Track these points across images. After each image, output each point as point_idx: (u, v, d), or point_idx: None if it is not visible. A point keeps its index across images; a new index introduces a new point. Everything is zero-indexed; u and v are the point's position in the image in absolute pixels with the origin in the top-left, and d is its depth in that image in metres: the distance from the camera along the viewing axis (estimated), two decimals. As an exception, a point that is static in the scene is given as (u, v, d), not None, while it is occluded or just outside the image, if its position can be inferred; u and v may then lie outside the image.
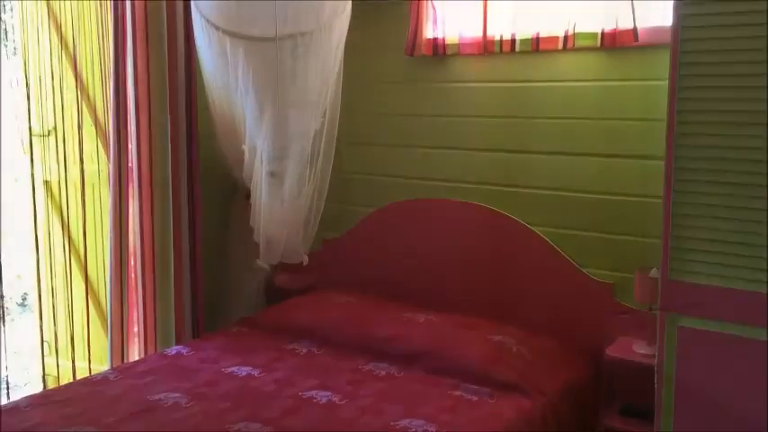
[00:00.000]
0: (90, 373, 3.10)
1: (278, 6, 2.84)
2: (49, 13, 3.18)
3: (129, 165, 3.09)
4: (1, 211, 3.00)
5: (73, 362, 3.27)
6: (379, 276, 3.39)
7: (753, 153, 1.91)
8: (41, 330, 3.35)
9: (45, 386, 3.28)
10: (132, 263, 3.14)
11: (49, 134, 3.27)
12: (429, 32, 3.19)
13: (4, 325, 2.98)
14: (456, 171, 3.22)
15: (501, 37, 2.98)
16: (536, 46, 2.91)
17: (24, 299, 4.45)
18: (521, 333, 2.83)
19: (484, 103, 3.13)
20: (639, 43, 2.71)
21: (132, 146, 3.07)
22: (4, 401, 2.69)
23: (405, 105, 3.35)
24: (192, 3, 3.01)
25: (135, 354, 3.17)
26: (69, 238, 3.32)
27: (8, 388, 3.04)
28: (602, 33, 2.76)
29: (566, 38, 2.84)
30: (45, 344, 3.35)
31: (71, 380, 3.07)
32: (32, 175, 3.31)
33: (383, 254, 3.40)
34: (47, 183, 3.31)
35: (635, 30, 2.69)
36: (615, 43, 2.74)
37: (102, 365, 3.25)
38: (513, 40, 2.96)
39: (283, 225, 3.21)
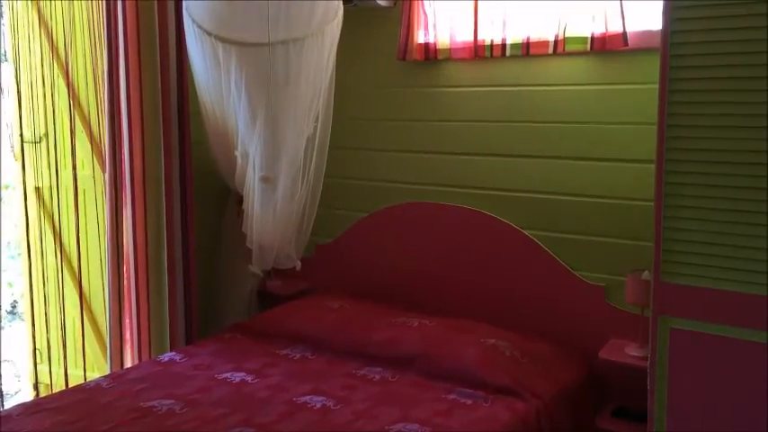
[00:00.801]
0: (85, 379, 3.08)
1: (270, 12, 2.84)
2: (40, 20, 3.18)
3: (123, 171, 3.09)
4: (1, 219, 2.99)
5: (65, 370, 3.25)
6: (373, 281, 3.39)
7: (752, 156, 1.92)
8: (33, 338, 3.33)
9: (38, 394, 3.27)
10: (125, 269, 3.13)
11: (40, 141, 3.26)
12: (420, 37, 3.20)
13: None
14: (448, 175, 3.23)
15: (492, 41, 3.00)
16: (526, 50, 2.93)
17: (14, 306, 4.43)
18: (514, 336, 2.84)
19: (475, 108, 3.14)
20: (629, 47, 2.73)
21: (125, 152, 3.06)
22: (-3, 410, 2.67)
23: (397, 110, 3.36)
24: (183, 8, 3.01)
25: (128, 360, 3.16)
26: (61, 244, 3.31)
27: (1, 396, 3.02)
28: (592, 37, 2.78)
29: (556, 42, 2.86)
30: (36, 351, 3.33)
31: (63, 387, 3.05)
32: (24, 181, 3.30)
33: (376, 258, 3.40)
34: (38, 189, 3.30)
35: (624, 33, 2.71)
36: (605, 47, 2.76)
37: (93, 373, 3.24)
38: (503, 45, 2.97)
39: (276, 231, 3.21)
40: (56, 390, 3.08)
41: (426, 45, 3.17)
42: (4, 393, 3.24)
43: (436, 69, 3.22)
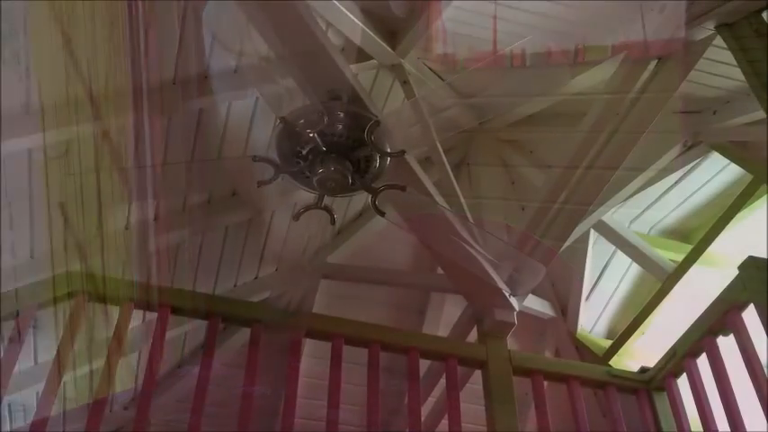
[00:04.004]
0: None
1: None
2: (63, 36, 3.20)
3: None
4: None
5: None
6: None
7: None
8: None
9: (64, 408, 3.27)
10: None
11: (65, 154, 3.28)
12: (439, 49, 3.17)
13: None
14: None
15: (511, 51, 2.96)
16: (547, 60, 2.89)
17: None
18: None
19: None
20: (651, 54, 2.68)
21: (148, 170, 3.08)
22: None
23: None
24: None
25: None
26: (85, 260, 3.33)
27: (24, 410, 3.04)
28: (613, 46, 2.73)
29: (576, 51, 2.82)
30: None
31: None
32: (48, 196, 3.32)
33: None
34: (61, 204, 3.33)
35: (645, 41, 2.67)
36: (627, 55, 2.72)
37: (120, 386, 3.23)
38: (523, 55, 2.94)
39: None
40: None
41: (445, 56, 3.14)
42: (26, 408, 3.25)
43: (455, 80, 3.18)
